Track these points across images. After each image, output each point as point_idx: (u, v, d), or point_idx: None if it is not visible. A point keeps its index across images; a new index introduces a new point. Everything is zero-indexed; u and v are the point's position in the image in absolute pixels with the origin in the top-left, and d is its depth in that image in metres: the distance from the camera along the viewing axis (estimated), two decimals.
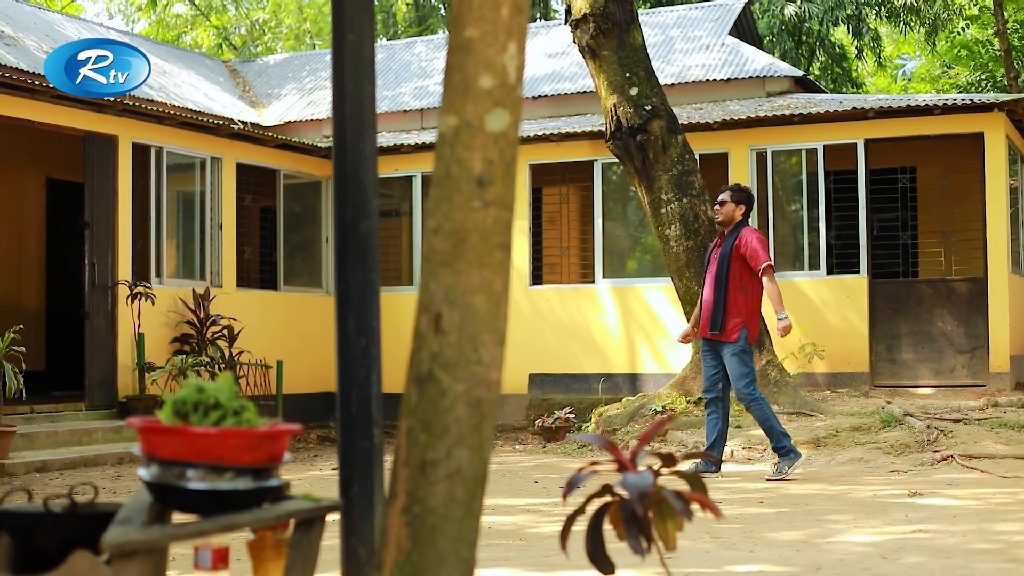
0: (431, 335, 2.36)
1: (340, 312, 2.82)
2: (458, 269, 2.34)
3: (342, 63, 2.84)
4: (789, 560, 4.93)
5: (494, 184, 2.35)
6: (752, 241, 7.98)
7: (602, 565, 2.72)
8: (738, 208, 8.16)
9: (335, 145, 2.86)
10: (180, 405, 2.42)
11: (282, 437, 2.44)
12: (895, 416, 9.72)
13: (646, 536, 2.66)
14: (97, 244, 11.16)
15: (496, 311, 2.38)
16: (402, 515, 2.36)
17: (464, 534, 2.36)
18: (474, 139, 2.34)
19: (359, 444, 2.78)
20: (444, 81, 2.40)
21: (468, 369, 2.34)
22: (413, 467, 2.35)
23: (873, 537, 5.50)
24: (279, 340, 12.92)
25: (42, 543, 2.75)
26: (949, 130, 12.32)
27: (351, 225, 2.80)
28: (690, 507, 2.70)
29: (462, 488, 2.34)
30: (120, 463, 9.89)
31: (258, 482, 2.38)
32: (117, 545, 2.14)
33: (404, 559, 2.34)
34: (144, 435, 2.40)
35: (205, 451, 2.32)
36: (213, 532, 2.30)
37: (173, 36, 25.78)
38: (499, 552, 5.21)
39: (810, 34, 20.76)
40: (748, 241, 7.98)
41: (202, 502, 2.34)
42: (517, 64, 2.37)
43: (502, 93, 2.36)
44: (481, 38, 2.34)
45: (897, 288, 12.58)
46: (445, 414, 2.34)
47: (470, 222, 2.33)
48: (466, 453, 2.35)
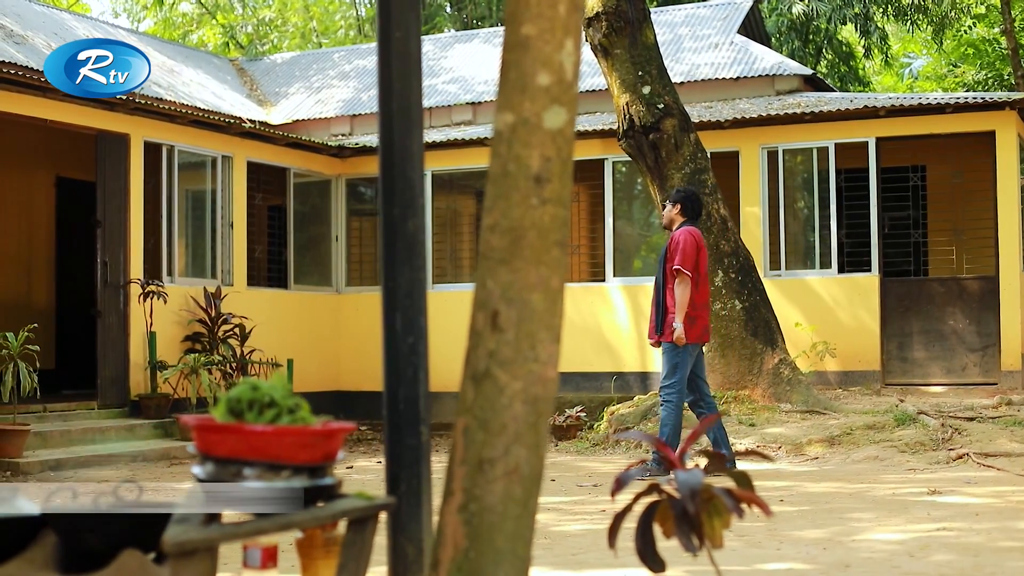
0: (488, 333, 2.36)
1: (387, 310, 2.81)
2: (515, 267, 2.33)
3: (389, 61, 2.83)
4: (816, 558, 4.93)
5: (551, 181, 2.34)
6: (679, 242, 7.98)
7: (652, 564, 2.71)
8: (674, 208, 8.18)
9: (381, 143, 2.85)
10: (235, 403, 2.41)
11: (337, 435, 2.44)
12: (909, 414, 9.72)
13: (698, 534, 2.65)
14: (109, 242, 11.15)
15: (553, 309, 2.37)
16: (459, 513, 2.35)
17: (521, 532, 2.36)
18: (532, 136, 2.34)
19: (407, 442, 2.77)
20: (500, 78, 2.39)
21: (525, 367, 2.34)
22: (470, 465, 2.35)
23: (897, 535, 5.50)
24: (289, 339, 12.92)
25: (91, 542, 2.75)
26: (960, 128, 12.31)
27: (399, 223, 2.79)
28: (741, 505, 2.70)
29: (519, 486, 2.34)
30: (133, 461, 9.89)
31: (314, 480, 2.37)
32: (178, 544, 2.14)
33: (461, 557, 2.34)
34: (199, 433, 2.39)
35: (262, 449, 2.32)
36: (271, 531, 2.30)
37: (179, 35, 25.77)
38: None
39: (817, 32, 20.76)
40: (676, 242, 8.00)
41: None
42: (574, 61, 2.36)
43: (559, 90, 2.35)
44: (538, 35, 2.34)
45: (908, 286, 12.57)
46: (503, 412, 2.33)
47: (527, 219, 2.33)
48: (523, 451, 2.34)
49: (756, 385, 10.60)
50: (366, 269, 14.45)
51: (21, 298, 13.31)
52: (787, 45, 20.08)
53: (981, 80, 22.17)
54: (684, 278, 7.91)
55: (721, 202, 10.85)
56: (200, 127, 12.16)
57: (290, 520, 2.32)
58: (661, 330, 8.05)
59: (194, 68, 17.15)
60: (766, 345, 10.63)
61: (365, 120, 16.30)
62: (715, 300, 10.59)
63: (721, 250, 10.68)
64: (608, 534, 2.83)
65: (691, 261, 7.92)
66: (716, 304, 10.60)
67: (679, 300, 7.92)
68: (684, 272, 7.90)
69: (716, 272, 10.60)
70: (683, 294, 7.92)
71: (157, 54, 16.69)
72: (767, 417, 10.20)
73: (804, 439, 9.46)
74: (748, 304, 10.66)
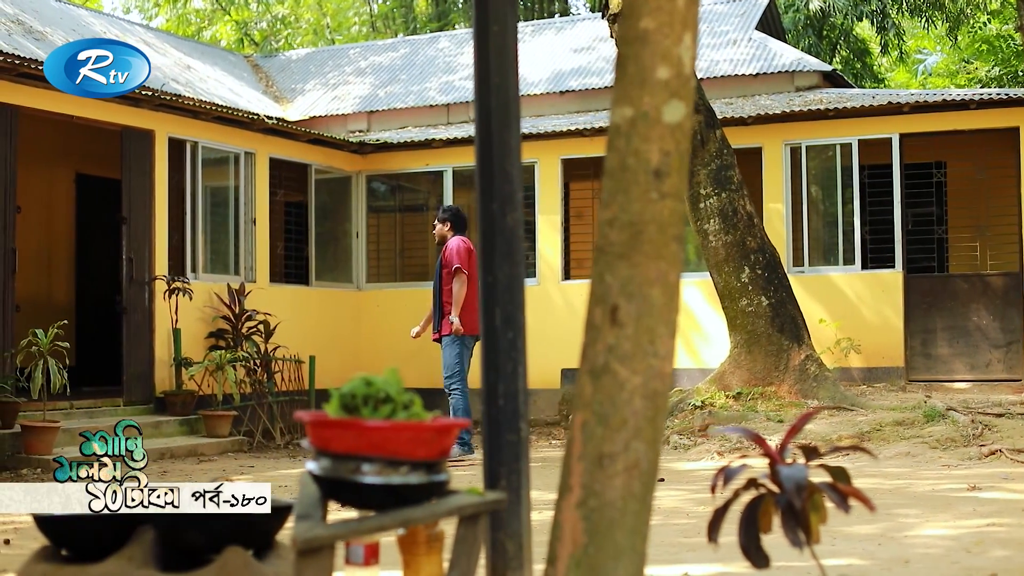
0: (607, 327, 2.35)
1: (487, 306, 2.79)
2: (635, 261, 2.32)
3: (487, 55, 2.82)
4: (873, 554, 4.92)
5: (670, 176, 2.33)
6: (453, 249, 9.15)
7: (757, 559, 2.70)
8: (444, 225, 9.37)
9: (479, 138, 2.84)
10: (348, 399, 2.40)
11: (451, 431, 2.43)
12: (938, 411, 9.70)
13: (804, 529, 2.64)
14: (134, 239, 11.14)
15: (670, 304, 2.36)
16: (577, 508, 2.34)
17: (639, 528, 2.35)
18: (651, 130, 2.32)
19: (507, 438, 2.76)
20: (617, 72, 2.38)
21: (645, 362, 2.33)
22: (589, 460, 2.34)
23: (948, 531, 5.49)
24: (311, 336, 12.91)
25: (192, 539, 2.74)
26: (983, 124, 12.29)
27: (499, 217, 2.78)
28: (847, 500, 2.69)
29: (639, 481, 2.33)
30: (162, 459, 9.88)
31: (430, 476, 2.37)
32: (307, 540, 2.13)
33: (580, 552, 2.33)
34: (315, 429, 2.38)
35: (380, 445, 2.31)
36: (393, 527, 2.29)
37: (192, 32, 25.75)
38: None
39: (832, 29, 20.73)
40: (451, 249, 9.16)
41: (377, 497, 2.32)
42: (692, 55, 2.35)
43: (678, 84, 2.34)
44: (658, 29, 2.32)
45: (932, 282, 12.56)
46: (623, 407, 2.32)
47: (647, 214, 2.32)
48: (642, 446, 2.33)
49: (783, 382, 10.59)
50: (386, 266, 14.44)
51: (42, 295, 13.30)
52: (803, 41, 20.06)
53: (996, 77, 22.14)
54: (461, 276, 9.04)
55: (747, 198, 10.84)
56: (223, 123, 12.15)
57: (410, 516, 2.31)
58: (440, 327, 9.14)
59: (210, 65, 17.14)
60: (792, 341, 10.62)
61: (382, 116, 16.29)
62: (741, 296, 10.58)
63: (747, 247, 10.67)
64: (708, 528, 2.82)
65: (465, 263, 9.07)
66: (743, 300, 10.60)
67: (456, 296, 9.03)
68: (462, 270, 9.03)
69: (742, 269, 10.60)
70: (460, 291, 9.05)
71: (173, 50, 16.69)
72: (794, 414, 10.17)
73: (834, 436, 9.45)
74: (774, 300, 10.64)
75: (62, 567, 2.83)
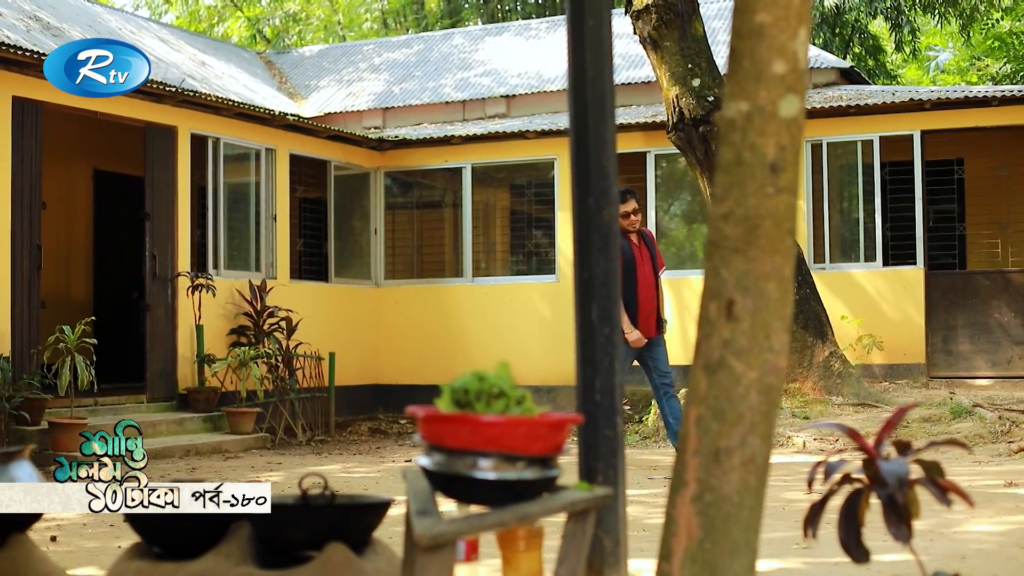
0: (722, 322, 2.34)
1: (582, 301, 2.79)
2: (751, 256, 2.32)
3: (582, 50, 2.81)
4: (927, 550, 4.91)
5: (786, 170, 2.33)
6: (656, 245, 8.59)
7: (857, 554, 2.70)
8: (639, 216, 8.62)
9: (575, 132, 2.83)
10: (460, 394, 2.39)
11: (565, 426, 2.43)
12: (965, 407, 9.71)
13: (907, 523, 2.64)
14: (157, 235, 11.13)
15: (785, 298, 2.36)
16: (692, 503, 2.34)
17: (754, 523, 2.35)
18: (767, 125, 2.32)
19: (604, 433, 2.76)
20: (730, 66, 2.38)
21: (760, 356, 2.32)
22: (704, 455, 2.33)
23: (996, 527, 5.49)
24: (331, 332, 12.91)
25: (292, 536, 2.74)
26: (1005, 121, 12.28)
27: (595, 212, 2.77)
28: (947, 494, 2.69)
29: (755, 476, 2.33)
30: (187, 455, 9.88)
31: (544, 472, 2.36)
32: (433, 537, 2.12)
33: (695, 547, 2.32)
34: (428, 424, 2.38)
35: (496, 440, 2.30)
36: (511, 523, 2.29)
37: (203, 28, 25.71)
38: (631, 544, 5.18)
39: (845, 26, 20.73)
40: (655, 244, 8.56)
41: (493, 493, 2.32)
42: (806, 49, 2.35)
43: (793, 78, 2.34)
44: (773, 23, 2.32)
45: (953, 279, 12.56)
46: (739, 402, 2.32)
47: (764, 208, 2.31)
48: (758, 441, 2.33)
49: (807, 378, 10.60)
50: (403, 263, 14.43)
51: (60, 292, 13.29)
52: (818, 38, 20.04)
53: (1008, 74, 22.14)
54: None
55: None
56: (244, 119, 12.14)
57: (527, 512, 2.31)
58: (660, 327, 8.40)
59: (225, 61, 17.12)
60: (816, 338, 10.63)
61: (398, 113, 16.28)
62: None
63: None
64: (805, 523, 2.82)
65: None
66: None
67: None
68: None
69: None
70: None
71: (188, 47, 16.67)
72: (820, 410, 10.20)
73: (861, 432, 9.43)
74: (799, 297, 10.64)
75: (157, 564, 2.83)
